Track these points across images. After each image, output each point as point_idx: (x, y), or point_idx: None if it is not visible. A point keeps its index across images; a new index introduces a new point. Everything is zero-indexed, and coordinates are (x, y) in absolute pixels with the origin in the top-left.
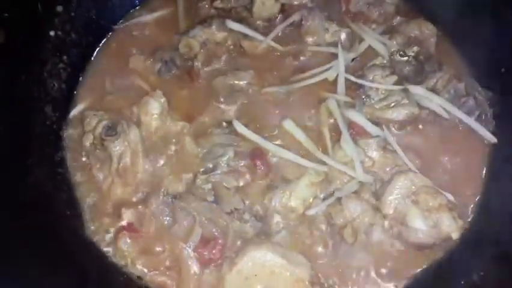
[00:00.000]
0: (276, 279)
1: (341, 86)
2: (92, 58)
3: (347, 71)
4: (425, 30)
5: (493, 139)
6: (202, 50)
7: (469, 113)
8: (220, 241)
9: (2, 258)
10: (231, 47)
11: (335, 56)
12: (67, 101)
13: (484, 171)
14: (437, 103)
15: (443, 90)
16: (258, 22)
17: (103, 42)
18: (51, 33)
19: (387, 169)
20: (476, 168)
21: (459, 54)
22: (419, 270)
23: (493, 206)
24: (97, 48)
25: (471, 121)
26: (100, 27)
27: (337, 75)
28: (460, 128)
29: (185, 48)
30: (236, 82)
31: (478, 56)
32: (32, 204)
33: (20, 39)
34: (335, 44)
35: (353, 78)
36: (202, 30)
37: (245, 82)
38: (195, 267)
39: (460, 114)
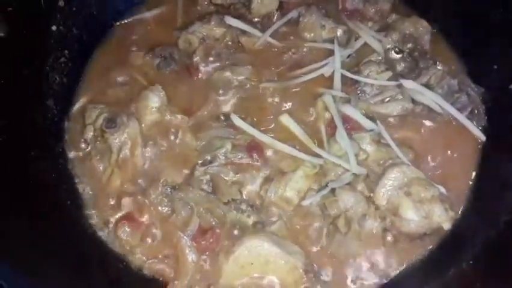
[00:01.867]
0: (271, 268)
1: (337, 81)
2: (93, 53)
3: (342, 67)
4: (420, 28)
5: (482, 137)
6: (201, 46)
7: (461, 109)
8: (217, 230)
9: (2, 247)
10: (230, 42)
11: (331, 52)
12: (68, 94)
13: (476, 165)
14: (430, 98)
15: (437, 86)
16: (256, 19)
17: (103, 37)
18: (54, 28)
19: (381, 162)
20: (468, 162)
21: (453, 51)
22: (410, 259)
23: (483, 198)
24: (98, 44)
25: (462, 117)
26: (101, 23)
27: (333, 71)
28: (453, 123)
29: (185, 44)
30: (234, 77)
31: (471, 53)
32: (33, 195)
33: (22, 34)
34: (331, 41)
35: (348, 74)
36: (201, 26)
37: (243, 77)
38: (192, 256)
39: (452, 110)
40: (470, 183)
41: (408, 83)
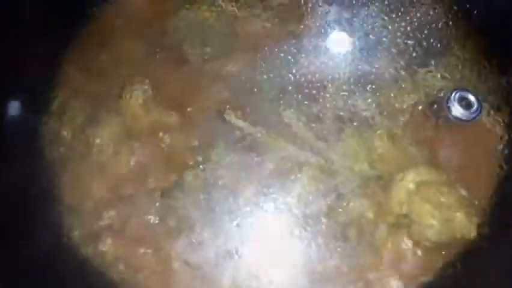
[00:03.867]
0: None
1: (346, 72)
2: (74, 40)
3: (352, 55)
4: (437, 12)
5: (501, 132)
6: (191, 32)
7: (483, 102)
8: (210, 241)
9: None
10: (223, 29)
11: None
12: (46, 87)
13: (501, 166)
14: (447, 91)
15: (454, 77)
16: (253, 2)
17: (85, 22)
18: (33, 10)
19: (395, 162)
20: (492, 162)
21: (472, 37)
22: (429, 271)
23: (511, 202)
24: (79, 29)
25: (484, 112)
26: (83, 5)
27: (341, 59)
28: (475, 119)
29: (175, 30)
30: (228, 67)
31: (493, 40)
32: (7, 202)
33: None
34: (338, 24)
35: (358, 64)
36: (193, 11)
37: (238, 68)
38: (182, 270)
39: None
40: (496, 185)
41: (422, 75)
